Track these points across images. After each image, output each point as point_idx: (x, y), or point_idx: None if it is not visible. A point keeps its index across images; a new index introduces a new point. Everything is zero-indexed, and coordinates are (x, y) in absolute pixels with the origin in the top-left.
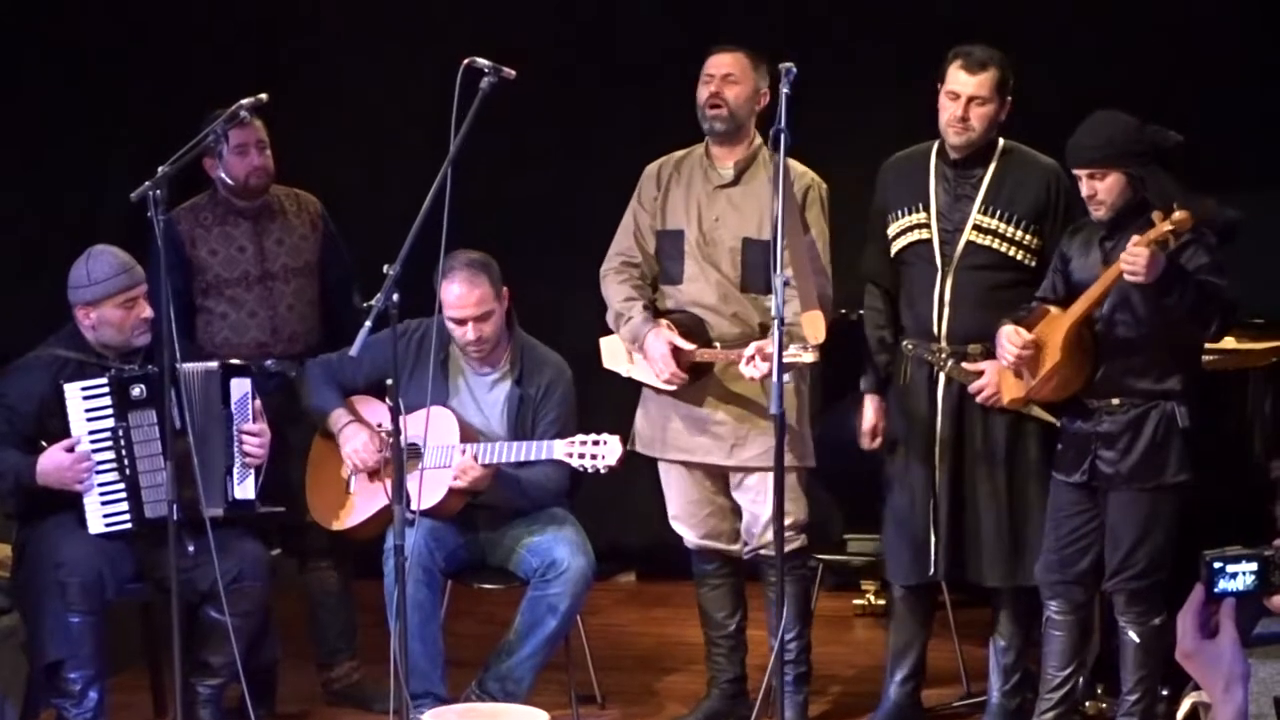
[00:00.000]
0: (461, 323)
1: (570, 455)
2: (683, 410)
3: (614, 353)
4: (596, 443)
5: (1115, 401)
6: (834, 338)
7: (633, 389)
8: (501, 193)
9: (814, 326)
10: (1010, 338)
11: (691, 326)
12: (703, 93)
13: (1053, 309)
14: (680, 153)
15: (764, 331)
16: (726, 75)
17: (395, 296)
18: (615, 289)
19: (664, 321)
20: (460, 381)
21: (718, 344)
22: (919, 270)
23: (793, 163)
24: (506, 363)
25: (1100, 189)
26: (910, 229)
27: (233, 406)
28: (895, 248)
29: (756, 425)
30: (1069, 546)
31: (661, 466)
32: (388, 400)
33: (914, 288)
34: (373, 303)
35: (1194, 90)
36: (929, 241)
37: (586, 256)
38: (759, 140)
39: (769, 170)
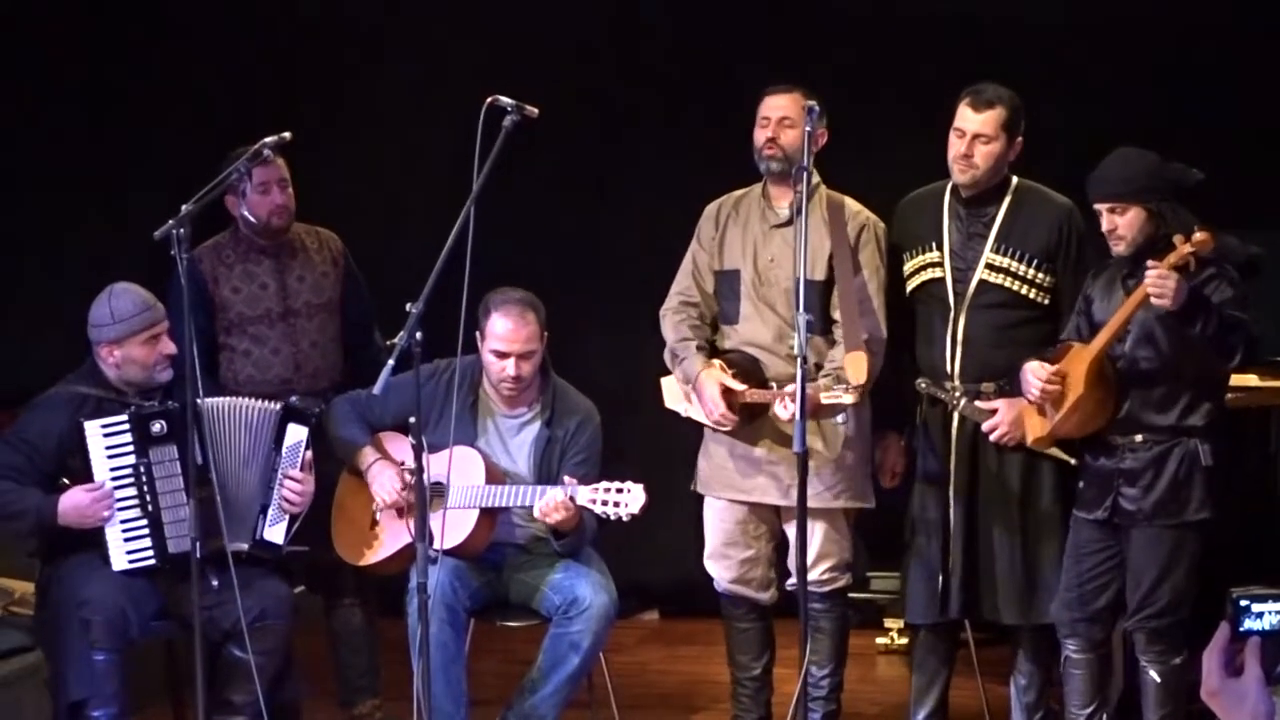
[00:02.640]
0: (505, 356)
1: (594, 502)
2: (739, 450)
3: (674, 392)
4: (620, 490)
5: (1138, 438)
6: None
7: (663, 435)
8: (527, 231)
9: (856, 368)
10: (1035, 372)
11: (747, 366)
12: (759, 136)
13: (1075, 344)
14: (739, 192)
15: (819, 372)
16: (783, 119)
17: (418, 335)
18: (672, 328)
19: (717, 362)
20: (489, 423)
21: (774, 384)
22: (932, 309)
23: (849, 201)
24: (538, 405)
25: (1121, 224)
26: (924, 267)
27: (284, 450)
28: (909, 286)
29: (812, 465)
30: (1088, 584)
31: (708, 503)
32: (411, 438)
33: (927, 326)
34: (395, 341)
35: (1214, 128)
36: (942, 280)
37: (616, 296)
38: (816, 178)
39: (824, 210)
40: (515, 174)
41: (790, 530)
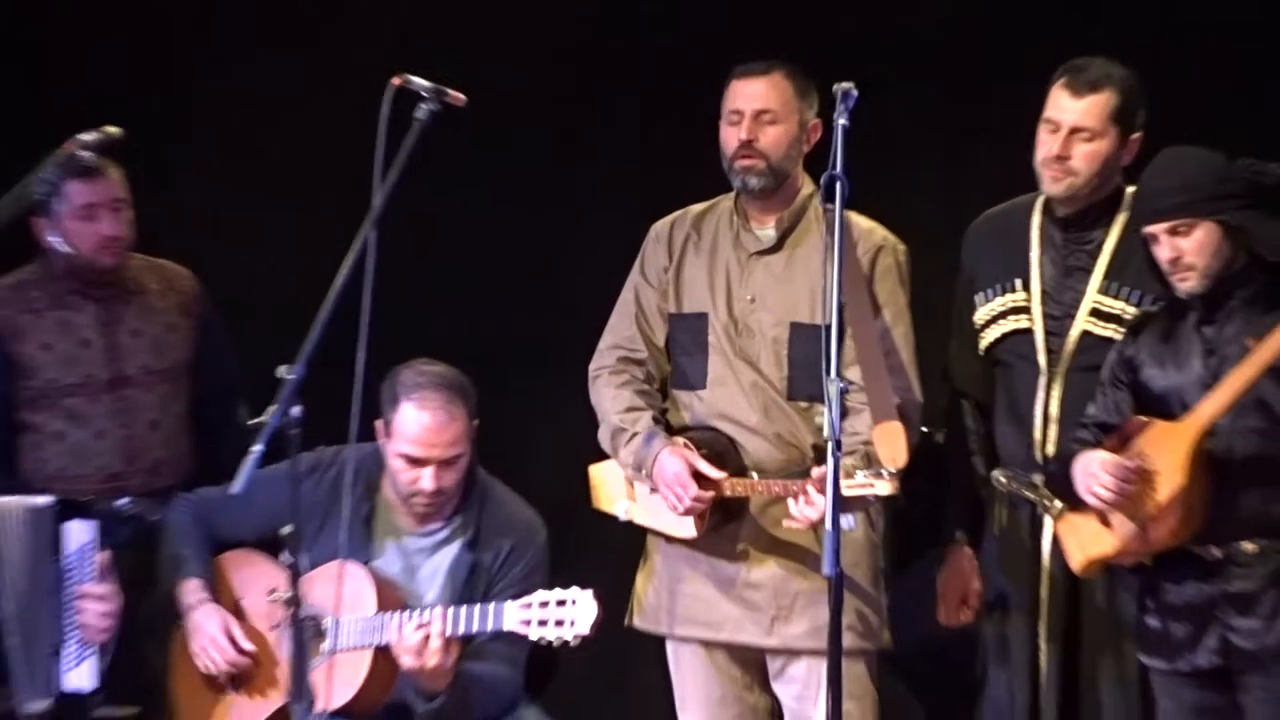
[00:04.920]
0: (420, 464)
1: (527, 623)
2: (704, 567)
3: (607, 486)
4: (562, 603)
5: (1248, 547)
6: (912, 466)
7: (633, 544)
8: (453, 264)
9: (891, 445)
10: (1105, 467)
11: (719, 450)
12: (729, 138)
13: (1156, 421)
14: (700, 206)
15: (820, 457)
16: (761, 113)
17: (296, 410)
18: (611, 396)
19: (679, 439)
20: (388, 543)
21: (754, 473)
22: (1017, 372)
23: (856, 217)
24: (458, 519)
25: (1187, 248)
26: (1005, 314)
27: (68, 559)
28: (985, 340)
29: (807, 590)
30: None
31: (671, 648)
32: (284, 556)
33: (1010, 396)
34: (265, 418)
35: None
36: (1030, 332)
37: (564, 358)
38: (809, 187)
39: (823, 227)
40: (435, 186)
41: (781, 690)
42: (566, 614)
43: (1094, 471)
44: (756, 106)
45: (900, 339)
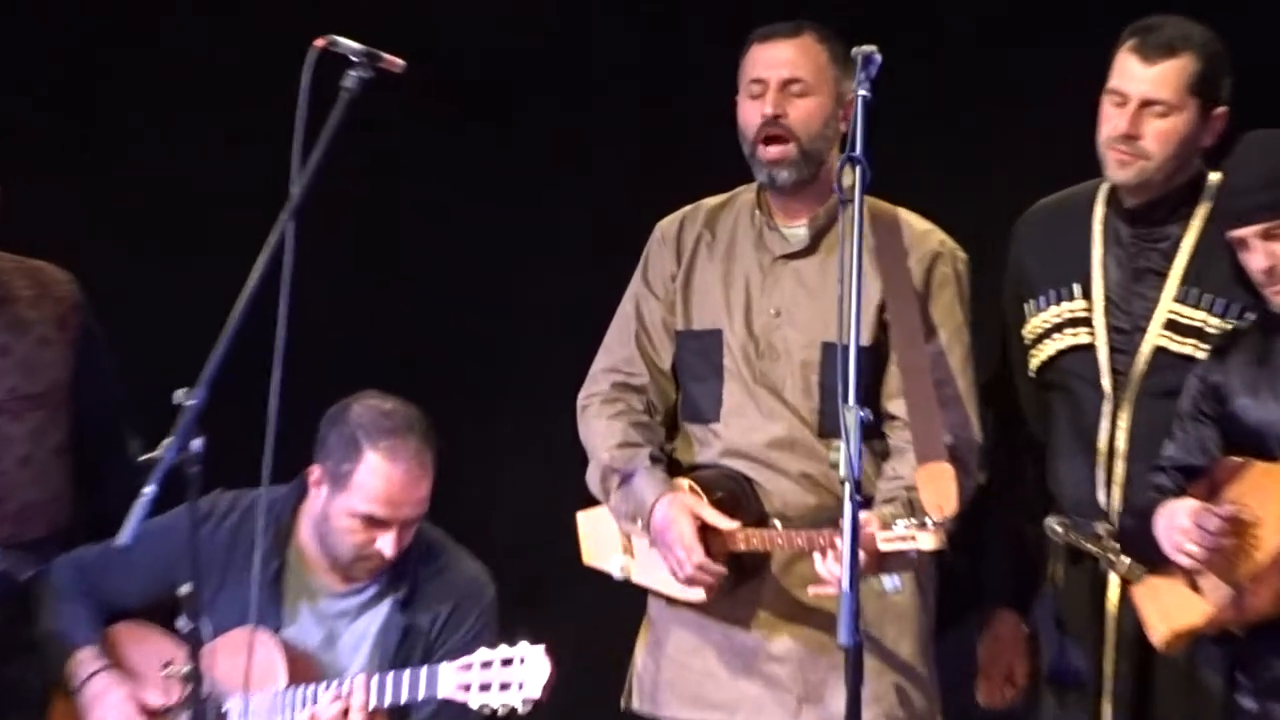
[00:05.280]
0: (382, 525)
1: (467, 688)
2: (717, 636)
3: (599, 538)
4: (508, 662)
5: None
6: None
7: (629, 606)
8: (381, 270)
9: (938, 490)
10: (1195, 518)
11: (734, 493)
12: (749, 114)
13: (1252, 461)
14: (716, 199)
15: (878, 499)
16: (789, 82)
17: (197, 444)
18: (602, 430)
19: (684, 482)
20: (302, 606)
21: (777, 522)
22: (1075, 397)
23: (907, 217)
24: (385, 575)
25: None
26: (1061, 327)
27: None
28: (1036, 359)
29: (841, 665)
30: None
31: None
32: (182, 622)
33: (1066, 427)
34: (158, 454)
35: None
36: (1091, 348)
37: (525, 381)
38: (849, 176)
39: (867, 228)
40: (368, 172)
41: None
42: (514, 675)
43: (1181, 524)
44: (784, 75)
45: (957, 365)
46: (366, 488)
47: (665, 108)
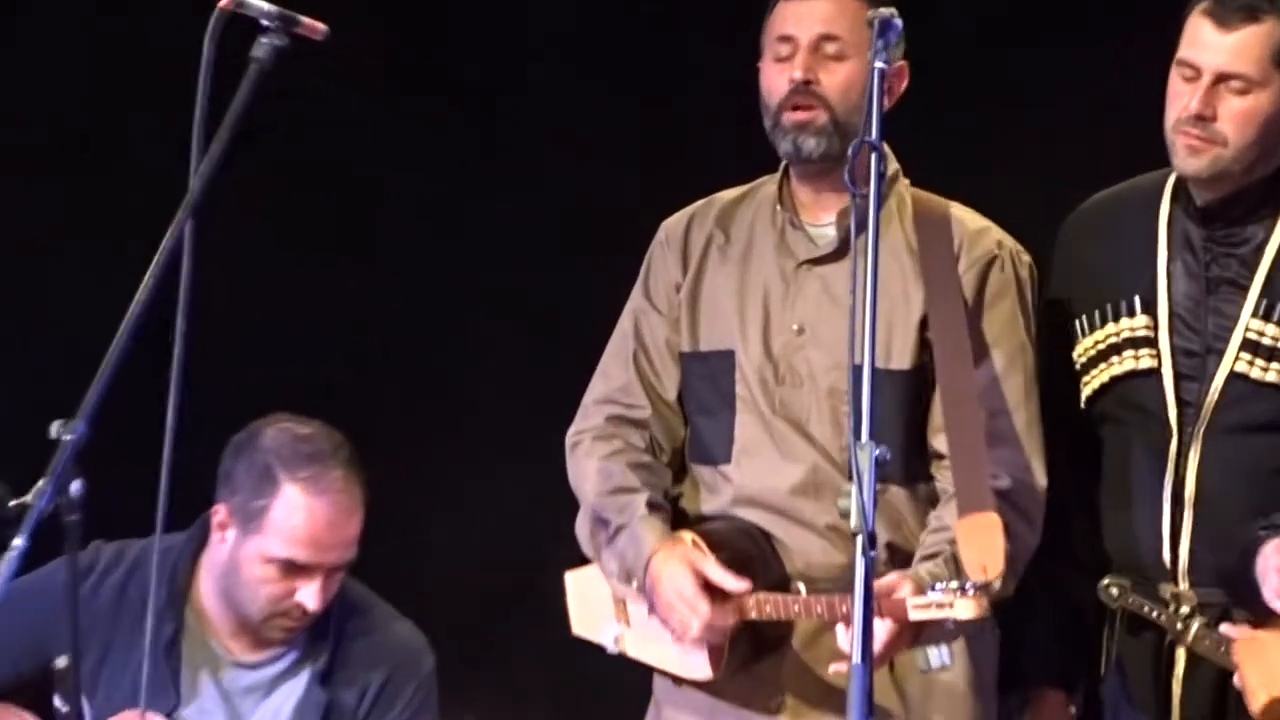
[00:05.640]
0: (305, 572)
1: None
2: (726, 718)
3: (590, 603)
4: None
5: None
6: None
7: (628, 683)
8: (298, 277)
9: (981, 545)
10: None
11: (747, 550)
12: (774, 79)
13: None
14: (732, 192)
15: (895, 558)
16: (823, 38)
17: (77, 487)
18: (594, 472)
19: (688, 535)
20: (203, 680)
21: (800, 585)
22: (1137, 434)
23: (960, 212)
24: (303, 641)
25: None
26: (1118, 349)
27: None
28: (1088, 387)
29: None
30: None
31: None
32: (57, 702)
33: (1124, 469)
34: (27, 499)
35: None
36: (1155, 374)
37: (474, 410)
38: (893, 164)
39: (909, 226)
40: (282, 159)
41: None
42: None
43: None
44: (818, 31)
45: (1017, 393)
46: (285, 527)
47: (604, 98)
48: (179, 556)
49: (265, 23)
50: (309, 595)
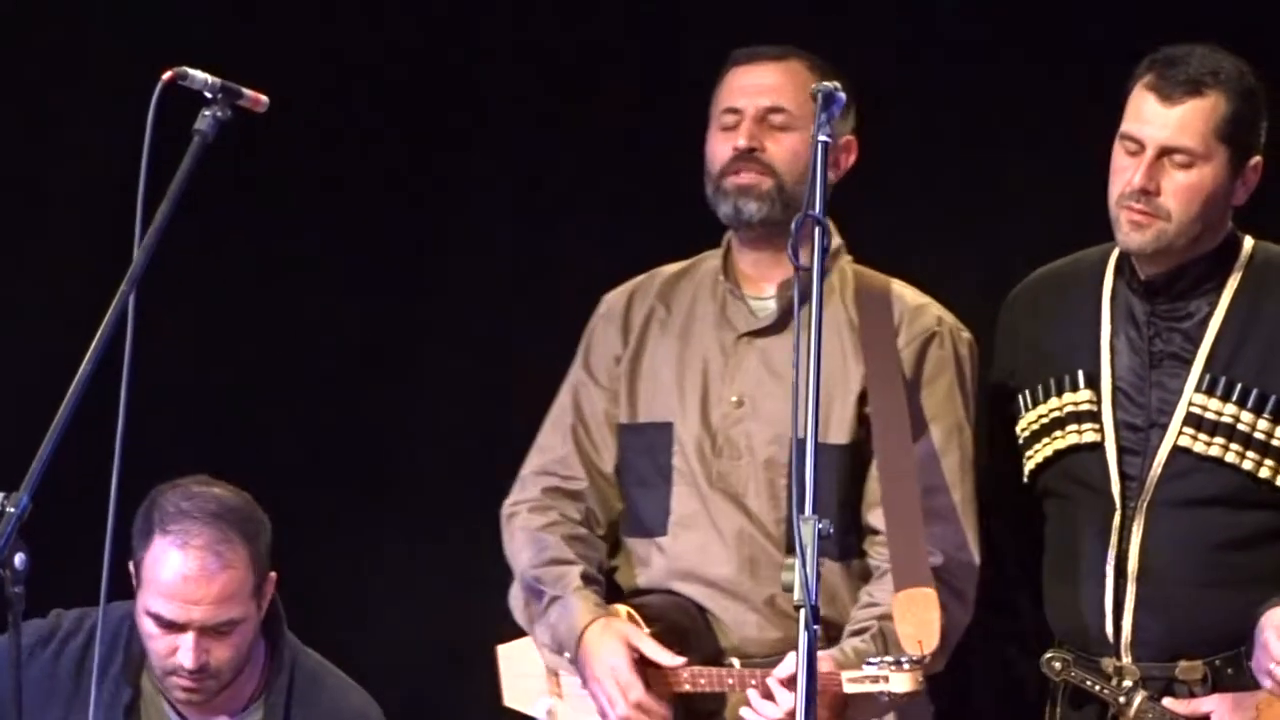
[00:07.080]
0: (176, 629)
1: None
2: None
3: (523, 676)
4: None
5: None
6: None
7: None
8: (238, 345)
9: (917, 620)
10: None
11: (682, 624)
12: (719, 147)
13: None
14: (674, 267)
15: (830, 634)
16: (770, 111)
17: (20, 559)
18: (528, 543)
19: (623, 608)
20: None
21: (734, 661)
22: (1079, 508)
23: (900, 288)
24: (257, 709)
25: None
26: (1061, 423)
27: None
28: (1030, 462)
29: None
30: None
31: None
32: None
33: (1068, 544)
34: None
35: None
36: (1098, 448)
37: (418, 474)
38: (836, 239)
39: (850, 297)
40: (225, 229)
41: None
42: None
43: (1268, 641)
44: (765, 103)
45: (953, 469)
46: (151, 580)
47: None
48: (132, 622)
49: (208, 95)
50: (184, 653)
